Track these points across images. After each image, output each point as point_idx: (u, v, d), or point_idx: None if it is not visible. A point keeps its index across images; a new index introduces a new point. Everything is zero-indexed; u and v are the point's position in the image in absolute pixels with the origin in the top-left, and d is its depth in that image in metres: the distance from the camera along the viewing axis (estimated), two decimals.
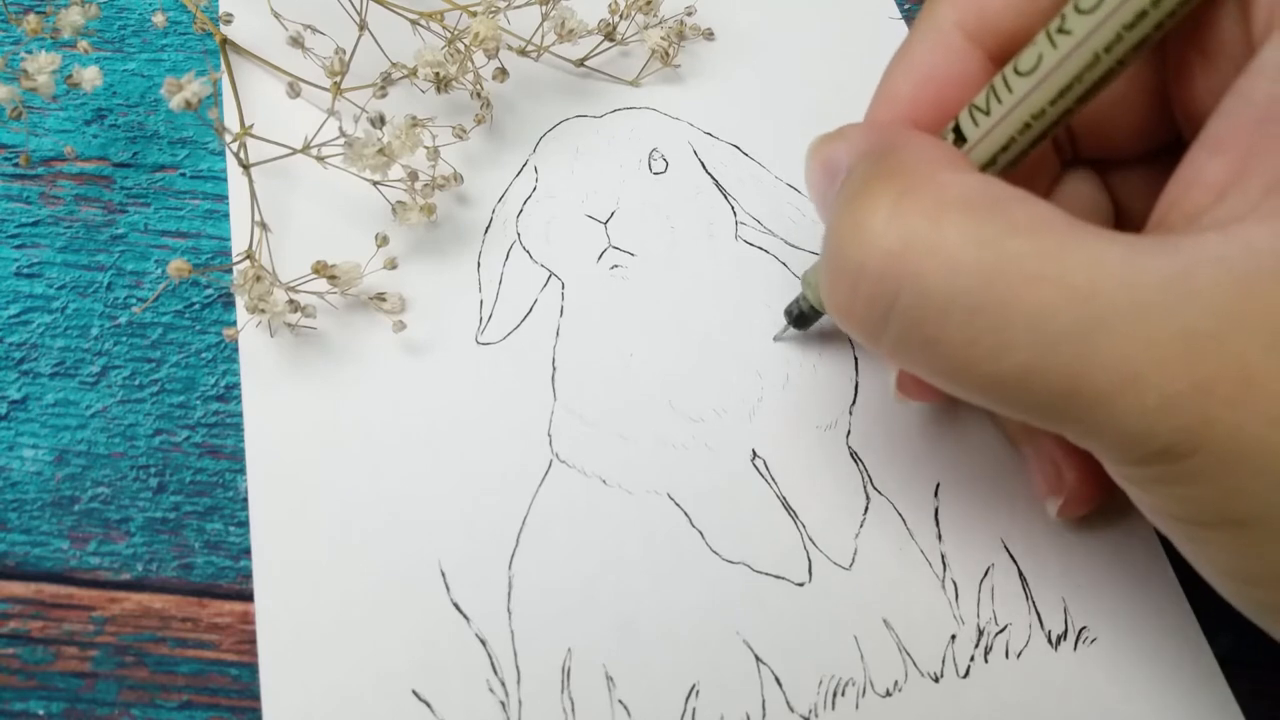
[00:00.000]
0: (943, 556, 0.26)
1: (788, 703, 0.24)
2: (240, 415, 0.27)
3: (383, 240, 0.28)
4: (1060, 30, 0.19)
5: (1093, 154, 0.24)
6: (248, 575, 0.26)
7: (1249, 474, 0.16)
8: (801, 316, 0.27)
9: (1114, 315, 0.16)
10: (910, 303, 0.18)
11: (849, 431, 0.27)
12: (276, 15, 0.31)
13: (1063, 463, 0.24)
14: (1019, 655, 0.25)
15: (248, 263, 0.27)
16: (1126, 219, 0.24)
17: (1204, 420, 0.16)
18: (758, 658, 0.25)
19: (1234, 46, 0.19)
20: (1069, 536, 0.26)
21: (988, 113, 0.20)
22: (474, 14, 0.28)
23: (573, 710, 0.24)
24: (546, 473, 0.27)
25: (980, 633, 0.25)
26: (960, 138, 0.21)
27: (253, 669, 0.25)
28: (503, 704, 0.24)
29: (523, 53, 0.31)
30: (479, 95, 0.30)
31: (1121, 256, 0.17)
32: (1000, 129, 0.20)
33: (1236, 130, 0.18)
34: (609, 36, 0.31)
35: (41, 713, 0.24)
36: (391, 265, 0.28)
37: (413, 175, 0.28)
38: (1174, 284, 0.16)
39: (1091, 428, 0.17)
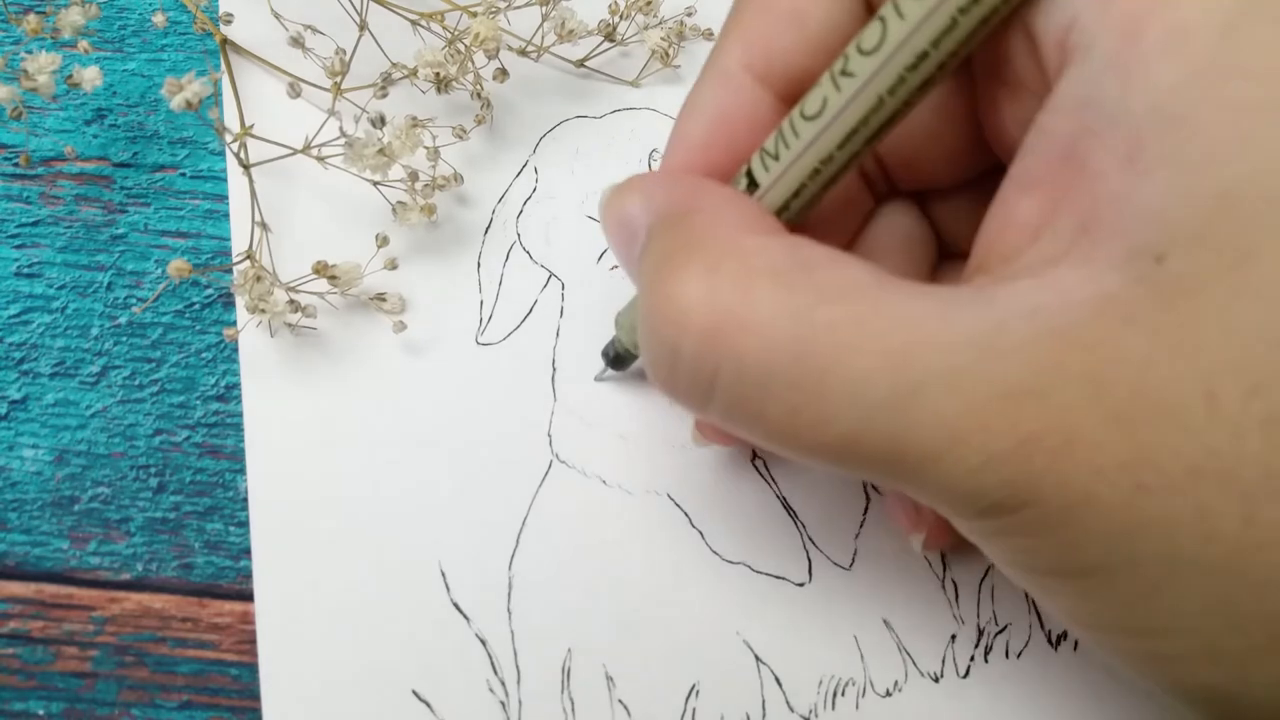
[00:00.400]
0: (943, 556, 0.26)
1: (788, 703, 0.24)
2: (240, 415, 0.27)
3: (383, 240, 0.28)
4: (843, 73, 0.18)
5: (909, 186, 0.23)
6: (248, 575, 0.26)
7: (1082, 525, 0.16)
8: (618, 358, 0.27)
9: (930, 379, 0.16)
10: (730, 380, 0.18)
11: None
12: (276, 15, 0.31)
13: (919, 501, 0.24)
14: (1019, 655, 0.25)
15: (248, 263, 0.27)
16: (951, 245, 0.24)
17: (1029, 475, 0.16)
18: (758, 658, 0.25)
19: (1032, 81, 0.18)
20: None
21: (777, 158, 0.20)
22: (474, 14, 0.28)
23: (573, 710, 0.24)
24: (546, 473, 0.27)
25: (980, 633, 0.25)
26: (753, 183, 0.20)
27: (253, 669, 0.25)
28: (503, 704, 0.24)
29: (523, 53, 0.31)
30: (479, 95, 0.30)
31: (935, 316, 0.16)
32: (790, 174, 0.20)
33: (1043, 168, 0.17)
34: (609, 37, 0.31)
35: (41, 713, 0.24)
36: (391, 265, 0.28)
37: (413, 175, 0.28)
38: (989, 341, 0.16)
39: (921, 487, 0.17)
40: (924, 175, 0.23)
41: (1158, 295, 0.15)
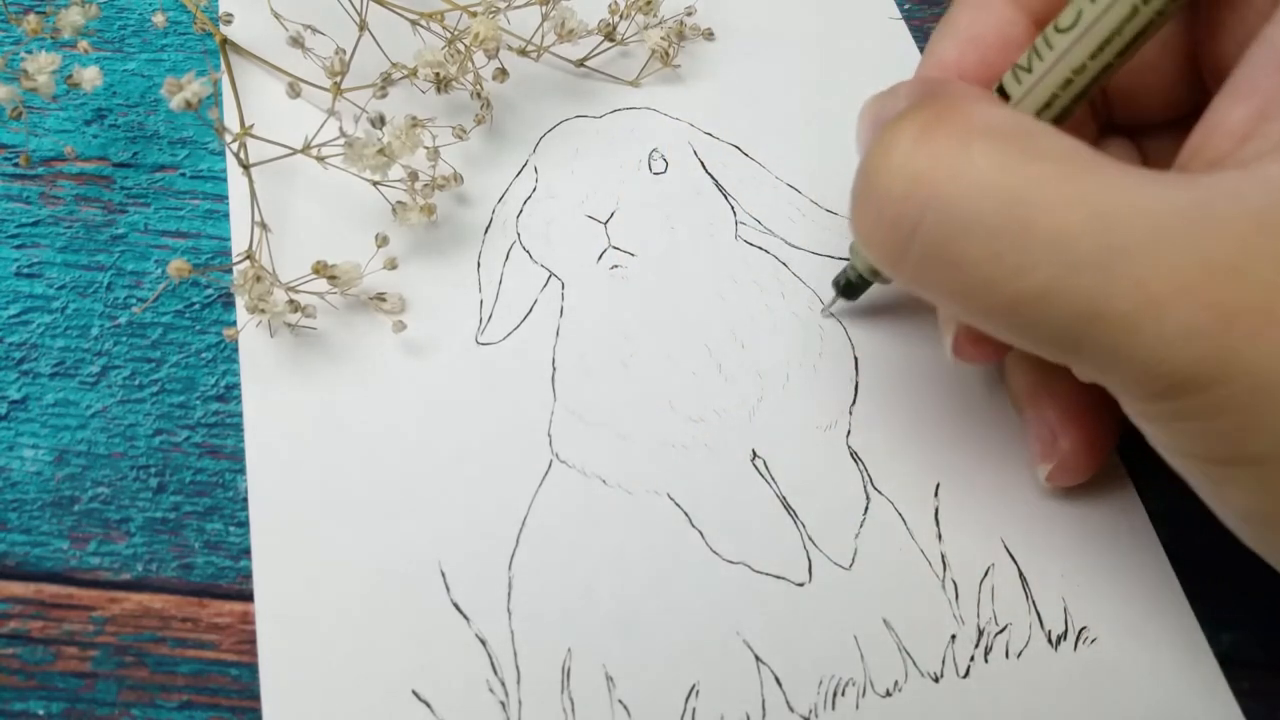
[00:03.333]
0: (943, 556, 0.26)
1: (788, 703, 0.24)
2: (240, 415, 0.27)
3: (383, 240, 0.28)
4: None
5: (1126, 119, 0.24)
6: (248, 575, 0.26)
7: (1269, 409, 0.16)
8: (849, 286, 0.27)
9: (1135, 242, 0.16)
10: (934, 224, 0.18)
11: (849, 431, 0.27)
12: (276, 15, 0.31)
13: (1060, 430, 0.24)
14: (1019, 655, 0.25)
15: (248, 263, 0.27)
16: None
17: (1225, 352, 0.16)
18: (758, 658, 0.25)
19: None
20: (1069, 536, 0.26)
21: (1030, 70, 0.21)
22: (474, 14, 0.28)
23: (573, 710, 0.24)
24: (546, 473, 0.27)
25: (980, 633, 0.25)
26: (1004, 97, 0.22)
27: (253, 669, 0.25)
28: (503, 704, 0.24)
29: (523, 53, 0.31)
30: (479, 95, 0.30)
31: (1143, 186, 0.17)
32: (1042, 86, 0.21)
33: (1259, 77, 0.18)
34: (609, 37, 0.31)
35: (41, 713, 0.24)
36: (391, 265, 0.28)
37: (413, 175, 0.28)
38: (1194, 213, 0.16)
39: (1110, 357, 0.17)
40: (1142, 108, 0.24)
41: None
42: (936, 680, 0.25)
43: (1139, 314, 0.16)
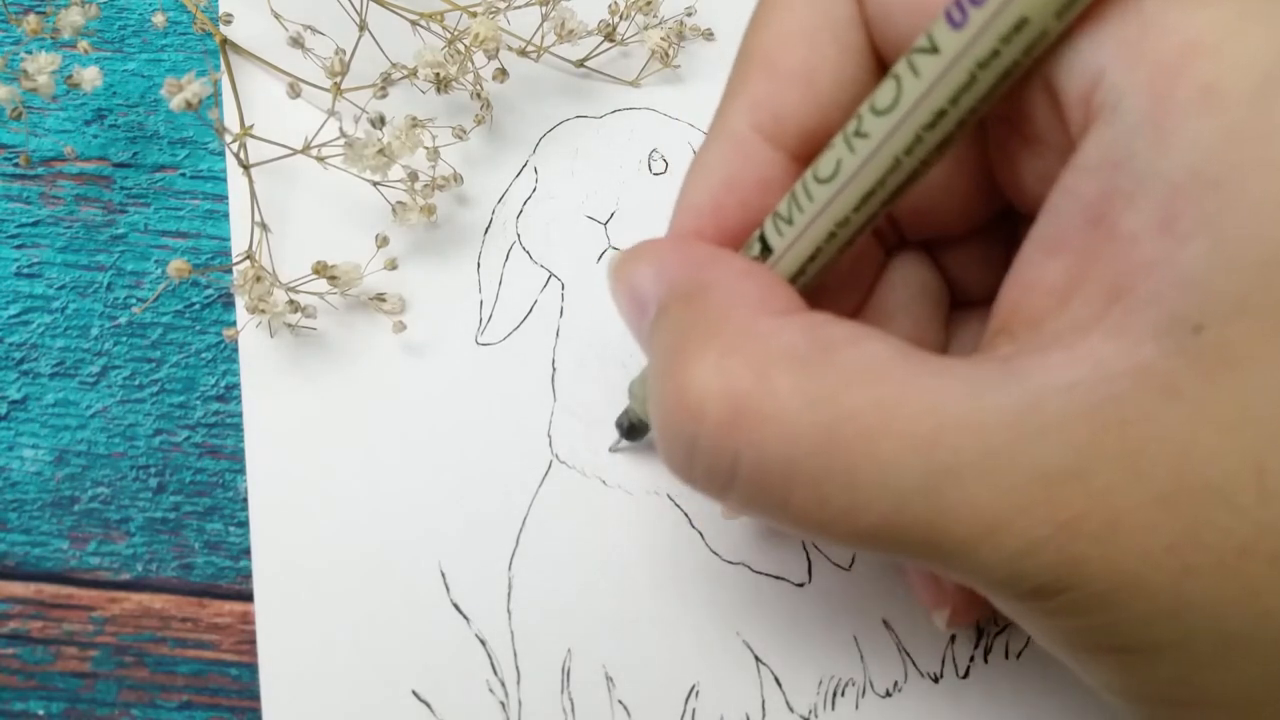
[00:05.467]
0: None
1: (788, 703, 0.24)
2: (240, 415, 0.27)
3: (383, 241, 0.28)
4: (857, 133, 0.18)
5: (919, 235, 0.23)
6: (248, 575, 0.26)
7: (1129, 608, 0.15)
8: (633, 428, 0.26)
9: (963, 464, 0.15)
10: (750, 471, 0.17)
11: None
12: (276, 15, 0.31)
13: (943, 577, 0.23)
14: (1019, 655, 0.25)
15: (248, 263, 0.27)
16: (963, 294, 0.23)
17: (1072, 560, 0.15)
18: (758, 658, 0.25)
19: (1053, 136, 0.17)
20: None
21: (791, 222, 0.19)
22: (474, 14, 0.28)
23: (573, 710, 0.24)
24: (546, 473, 0.27)
25: (980, 633, 0.25)
26: (766, 248, 0.20)
27: (253, 669, 0.25)
28: (503, 704, 0.24)
29: (523, 53, 0.31)
30: (479, 96, 0.30)
31: (965, 397, 0.16)
32: (805, 239, 0.19)
33: (1069, 230, 0.16)
34: (609, 37, 0.31)
35: (41, 713, 0.24)
36: (391, 266, 0.28)
37: (413, 176, 0.28)
38: (1024, 422, 0.15)
39: (959, 572, 0.17)
40: (935, 225, 0.22)
41: (1198, 367, 0.15)
42: (936, 680, 0.25)
43: (978, 537, 0.16)
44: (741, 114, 0.20)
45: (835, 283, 0.21)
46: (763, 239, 0.20)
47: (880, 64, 0.20)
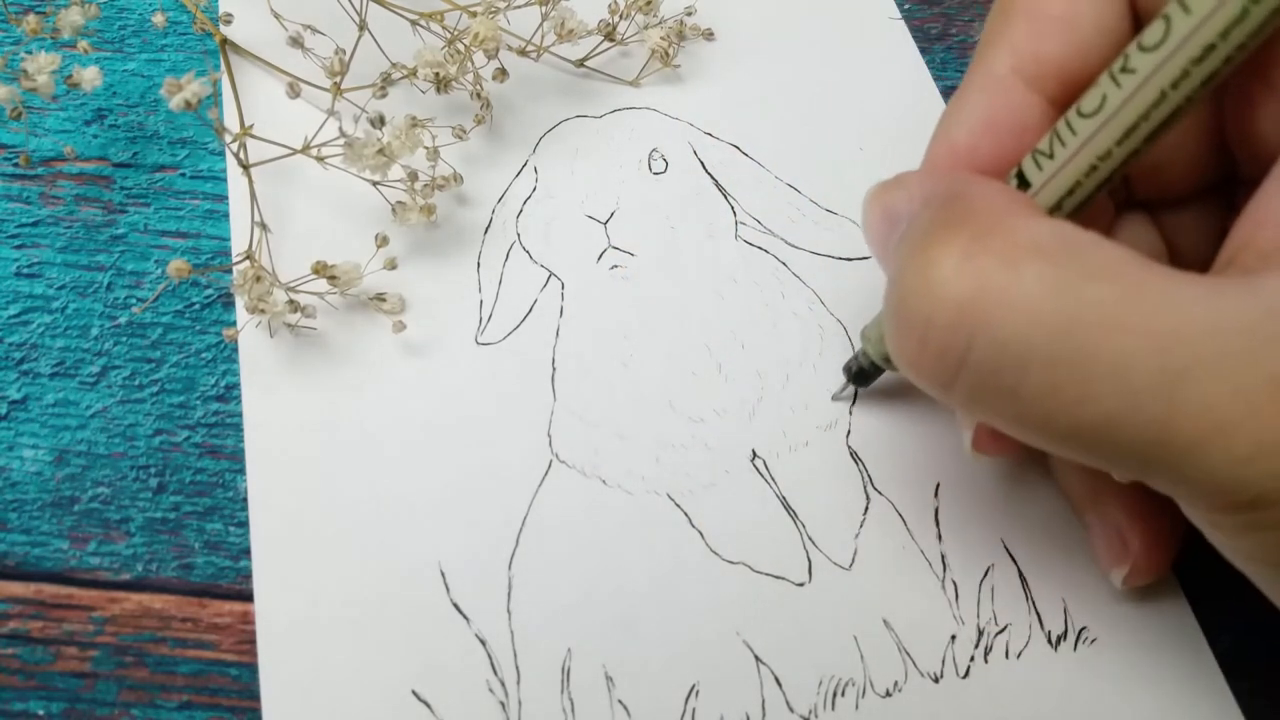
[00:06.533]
0: (943, 556, 0.26)
1: (788, 703, 0.24)
2: (240, 415, 0.27)
3: (383, 240, 0.28)
4: (1124, 69, 0.19)
5: (1146, 195, 0.24)
6: (248, 575, 0.26)
7: None
8: (861, 373, 0.27)
9: (1199, 363, 0.16)
10: (985, 354, 0.17)
11: (849, 431, 0.27)
12: (276, 15, 0.31)
13: (1128, 531, 0.23)
14: (1019, 655, 0.25)
15: (248, 263, 0.27)
16: (1177, 260, 0.24)
17: None
18: (758, 658, 0.25)
19: None
20: (1069, 536, 0.26)
21: (1051, 156, 0.20)
22: (474, 14, 0.28)
23: (573, 710, 0.24)
24: (546, 473, 0.27)
25: (980, 633, 0.25)
26: (1024, 183, 0.21)
27: (253, 669, 0.25)
28: (502, 704, 0.24)
29: (522, 53, 0.31)
30: (479, 95, 0.30)
31: (1202, 300, 0.16)
32: (1065, 173, 0.20)
33: None
34: (609, 37, 0.31)
35: (41, 713, 0.24)
36: (391, 265, 0.28)
37: (413, 175, 0.28)
38: (1259, 328, 0.16)
39: (1179, 476, 0.17)
40: (1164, 183, 0.23)
41: None
42: (936, 680, 0.25)
43: (1207, 436, 0.16)
44: (1003, 57, 0.21)
45: None
46: (1020, 174, 0.21)
47: (1136, 15, 0.21)
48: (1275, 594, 0.19)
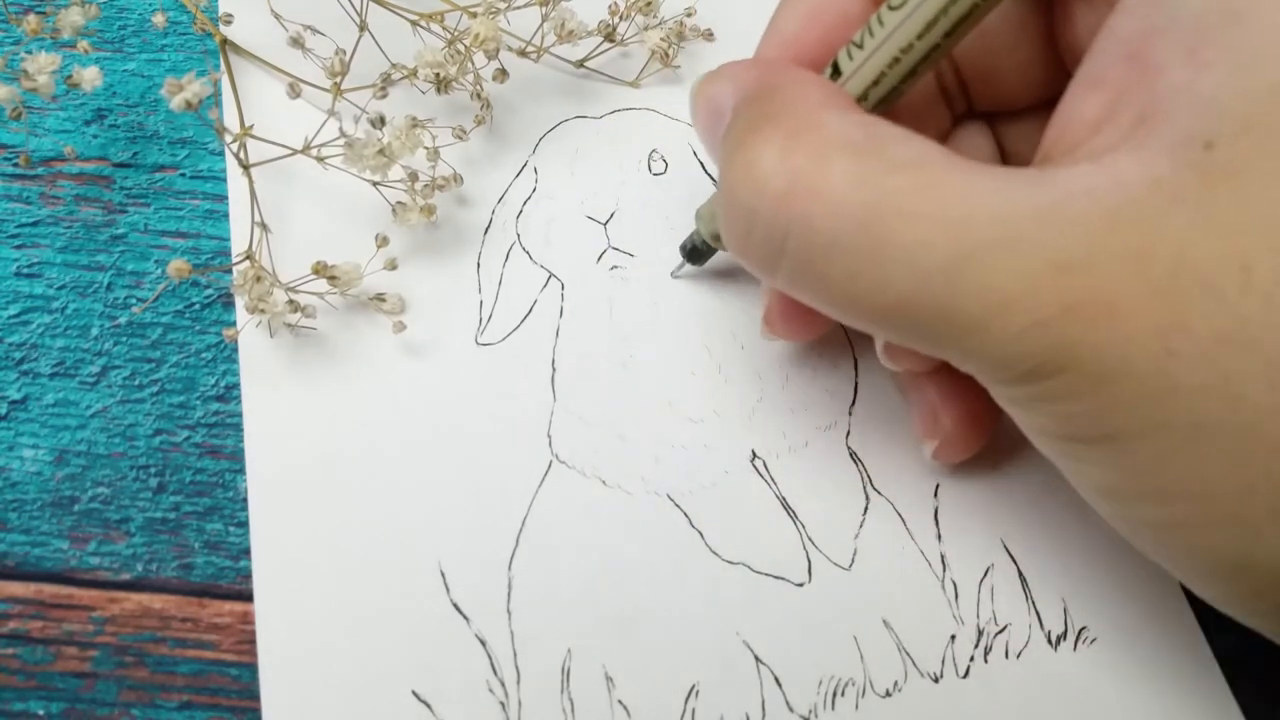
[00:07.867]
0: (943, 556, 0.26)
1: (787, 703, 0.24)
2: (240, 415, 0.27)
3: (383, 241, 0.28)
4: None
5: (985, 105, 0.25)
6: (248, 575, 0.26)
7: (1115, 391, 0.17)
8: (695, 251, 0.28)
9: (985, 247, 0.17)
10: (799, 243, 0.19)
11: (849, 432, 0.27)
12: (276, 16, 0.31)
13: (941, 408, 0.25)
14: (1019, 655, 0.25)
15: (248, 263, 0.27)
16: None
17: (1070, 341, 0.17)
18: (757, 658, 0.25)
19: None
20: (1069, 536, 0.26)
21: (861, 47, 0.21)
22: (474, 15, 0.28)
23: (573, 710, 0.24)
24: (546, 473, 0.27)
25: (980, 633, 0.25)
26: (837, 73, 0.22)
27: (253, 669, 0.25)
28: (502, 704, 0.24)
29: (522, 54, 0.31)
30: (479, 96, 0.30)
31: (995, 189, 0.17)
32: (870, 63, 0.21)
33: (1108, 66, 0.18)
34: (609, 37, 0.31)
35: (41, 713, 0.24)
36: (391, 266, 0.28)
37: (413, 176, 0.28)
38: (1046, 215, 0.17)
39: (967, 352, 0.18)
40: (1001, 92, 0.24)
41: (1204, 179, 0.16)
42: (936, 680, 0.25)
43: (988, 314, 0.17)
44: None
45: None
46: (834, 64, 0.22)
47: None
48: (1070, 473, 0.20)
